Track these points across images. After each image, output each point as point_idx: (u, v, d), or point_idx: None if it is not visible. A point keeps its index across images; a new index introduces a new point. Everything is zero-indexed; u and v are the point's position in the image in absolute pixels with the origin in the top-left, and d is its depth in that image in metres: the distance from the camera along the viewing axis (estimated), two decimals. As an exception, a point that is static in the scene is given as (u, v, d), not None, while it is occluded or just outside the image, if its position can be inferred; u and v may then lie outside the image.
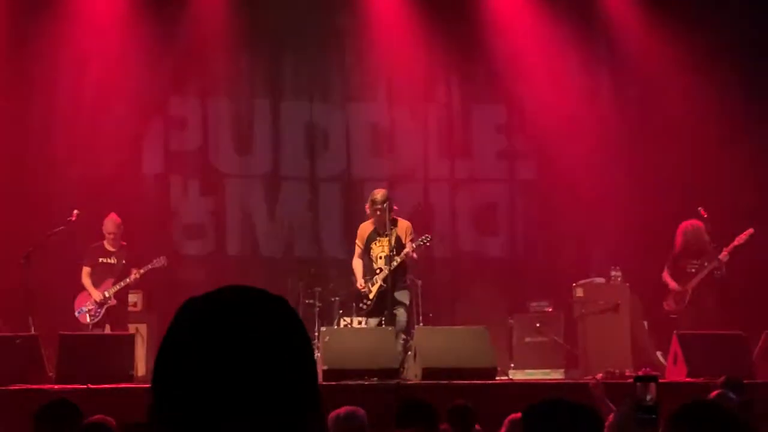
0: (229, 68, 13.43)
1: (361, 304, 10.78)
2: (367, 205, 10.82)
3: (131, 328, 11.19)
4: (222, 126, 13.49)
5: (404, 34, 13.44)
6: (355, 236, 11.03)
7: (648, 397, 3.48)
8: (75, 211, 11.09)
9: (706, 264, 11.24)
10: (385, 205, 10.57)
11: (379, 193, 10.76)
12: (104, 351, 9.59)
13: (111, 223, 11.31)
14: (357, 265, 10.86)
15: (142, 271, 11.09)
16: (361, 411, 5.45)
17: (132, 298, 11.66)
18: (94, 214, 11.58)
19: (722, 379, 7.08)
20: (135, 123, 13.01)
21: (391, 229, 10.54)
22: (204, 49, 13.09)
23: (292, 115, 13.65)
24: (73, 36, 12.53)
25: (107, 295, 11.06)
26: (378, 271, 10.65)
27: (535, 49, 13.62)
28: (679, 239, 11.45)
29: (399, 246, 10.58)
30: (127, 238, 11.41)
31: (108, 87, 12.74)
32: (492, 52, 13.56)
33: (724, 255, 11.13)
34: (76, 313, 11.10)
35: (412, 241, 10.59)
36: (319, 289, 11.84)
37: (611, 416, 4.89)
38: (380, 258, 10.66)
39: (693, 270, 11.30)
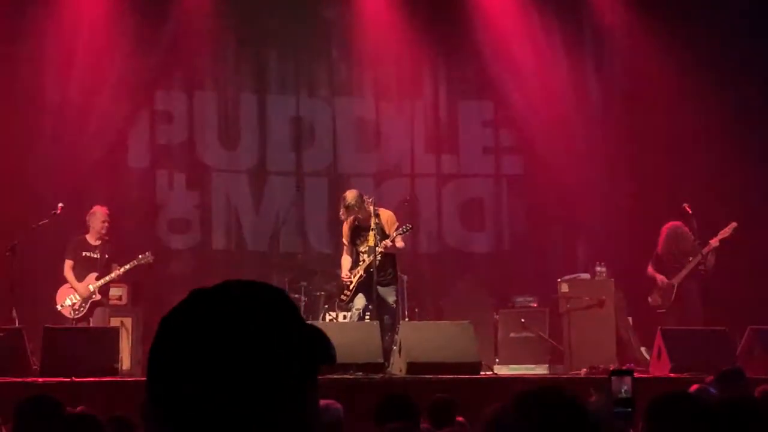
0: (216, 62, 13.42)
1: (342, 296, 10.76)
2: (342, 212, 10.71)
3: (116, 321, 11.11)
4: (208, 120, 13.45)
5: (391, 29, 13.42)
6: (340, 231, 11.00)
7: (623, 390, 3.48)
8: (60, 204, 11.03)
9: (690, 259, 11.30)
10: (359, 205, 10.52)
11: (350, 196, 10.58)
12: (89, 344, 9.56)
13: (101, 213, 11.25)
14: (345, 260, 10.82)
15: (127, 266, 11.03)
16: (336, 404, 5.29)
17: (117, 291, 11.58)
18: (80, 207, 11.53)
19: (714, 375, 6.96)
20: (121, 117, 12.96)
21: (376, 222, 10.51)
22: (190, 42, 13.05)
23: (279, 109, 13.63)
24: (60, 30, 12.46)
25: (92, 289, 11.01)
26: (362, 262, 10.63)
27: (522, 45, 13.62)
28: (661, 242, 11.50)
29: (383, 237, 10.51)
30: (113, 231, 11.34)
31: (94, 81, 12.68)
32: (479, 47, 13.56)
33: (707, 249, 11.19)
34: (58, 307, 11.00)
35: (396, 229, 10.53)
36: (305, 283, 11.83)
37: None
38: (365, 251, 10.63)
39: (677, 266, 11.35)
